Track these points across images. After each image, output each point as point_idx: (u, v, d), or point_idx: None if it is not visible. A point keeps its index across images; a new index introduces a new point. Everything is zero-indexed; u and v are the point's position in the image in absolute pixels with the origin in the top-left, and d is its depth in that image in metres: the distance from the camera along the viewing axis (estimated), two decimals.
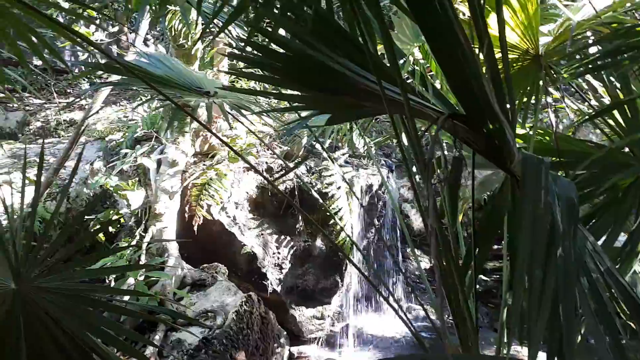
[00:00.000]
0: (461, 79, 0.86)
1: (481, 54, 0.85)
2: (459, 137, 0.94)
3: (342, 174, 4.89)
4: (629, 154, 1.62)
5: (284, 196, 4.44)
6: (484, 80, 0.83)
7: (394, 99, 0.95)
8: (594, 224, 1.58)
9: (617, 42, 1.58)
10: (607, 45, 1.69)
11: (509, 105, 0.91)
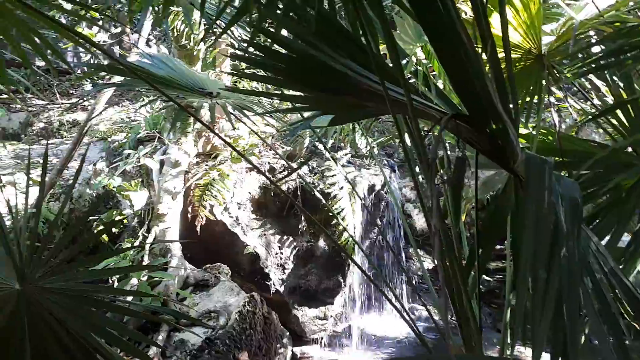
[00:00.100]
0: (464, 78, 0.86)
1: (484, 53, 0.85)
2: (462, 137, 0.94)
3: (345, 174, 4.89)
4: (632, 153, 1.62)
5: (286, 196, 4.45)
6: (487, 80, 0.83)
7: (397, 99, 0.95)
8: (597, 224, 1.58)
9: (620, 41, 1.57)
10: (610, 45, 1.69)
11: (512, 105, 0.91)
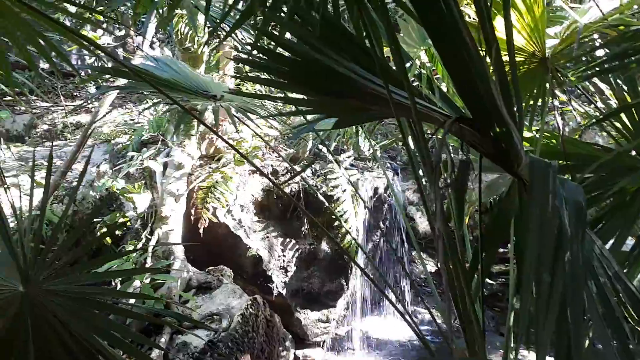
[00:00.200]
0: (467, 79, 0.86)
1: (488, 56, 0.85)
2: (465, 141, 0.94)
3: (348, 176, 4.89)
4: (636, 157, 1.62)
5: (289, 199, 4.44)
6: (491, 83, 0.83)
7: (400, 102, 0.95)
8: (601, 227, 1.57)
9: (624, 44, 1.57)
10: (614, 48, 1.69)
11: (515, 108, 0.91)
